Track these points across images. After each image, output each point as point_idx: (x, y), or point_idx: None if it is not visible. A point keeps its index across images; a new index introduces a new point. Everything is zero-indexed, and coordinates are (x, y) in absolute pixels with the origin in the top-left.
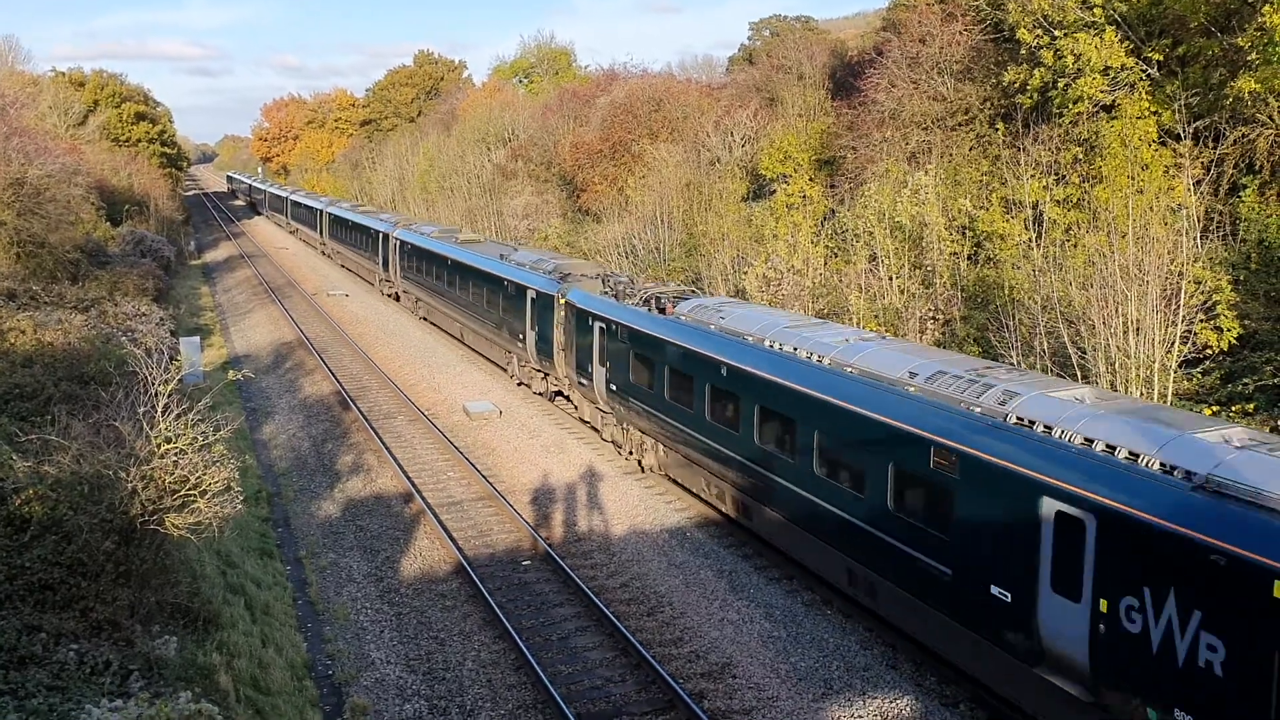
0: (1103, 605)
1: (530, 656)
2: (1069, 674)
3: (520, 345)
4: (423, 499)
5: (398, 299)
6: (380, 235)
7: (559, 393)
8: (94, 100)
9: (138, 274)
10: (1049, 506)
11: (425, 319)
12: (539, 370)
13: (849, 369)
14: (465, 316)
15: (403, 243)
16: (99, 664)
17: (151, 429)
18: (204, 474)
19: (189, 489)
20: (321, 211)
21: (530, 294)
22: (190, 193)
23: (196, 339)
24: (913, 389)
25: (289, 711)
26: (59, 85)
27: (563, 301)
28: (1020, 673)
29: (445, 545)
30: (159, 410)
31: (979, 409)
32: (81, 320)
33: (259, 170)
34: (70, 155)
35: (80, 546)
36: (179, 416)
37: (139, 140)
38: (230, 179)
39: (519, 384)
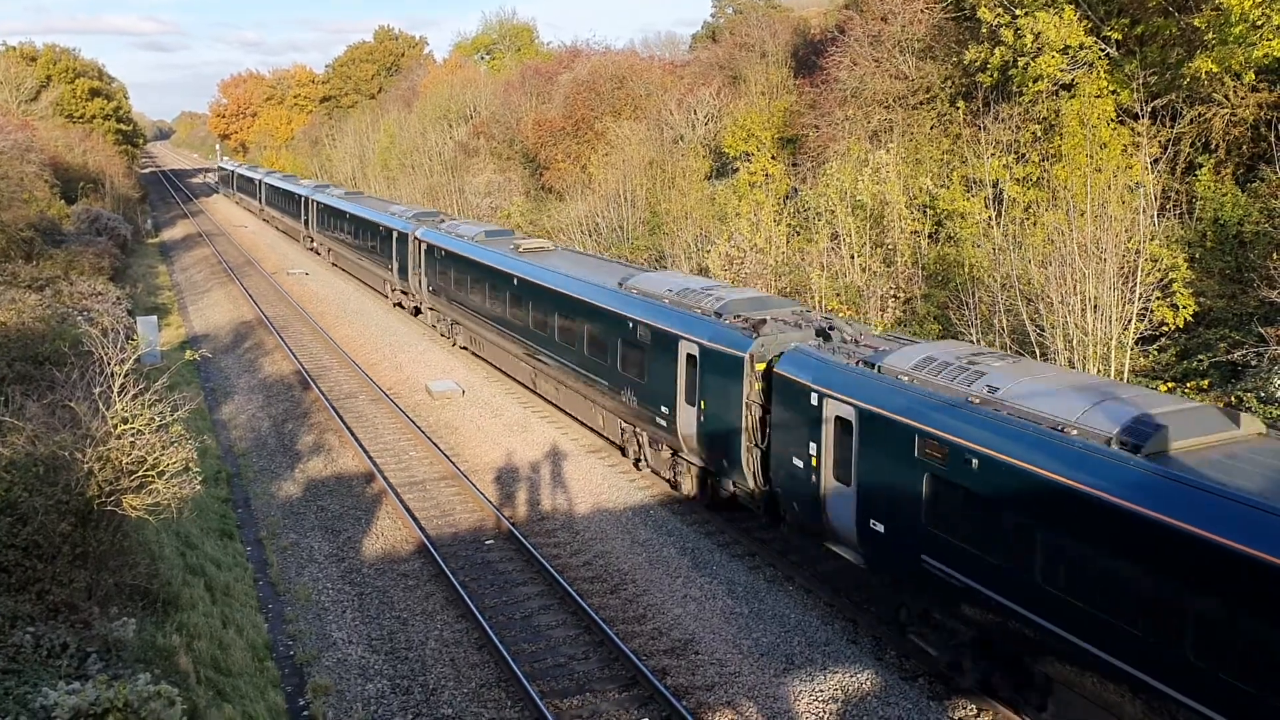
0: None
1: (493, 635)
2: None
3: (662, 424)
4: (385, 479)
5: (417, 313)
6: (393, 234)
7: (733, 498)
8: (46, 76)
9: (93, 252)
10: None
11: (466, 349)
12: (702, 464)
13: None
14: (546, 363)
15: (431, 247)
16: (56, 646)
17: (108, 409)
18: (162, 454)
19: (146, 470)
20: (307, 199)
21: (688, 349)
22: (147, 170)
23: (154, 318)
24: None
25: (250, 692)
26: (10, 60)
27: (759, 368)
28: None
29: (408, 525)
30: (115, 390)
31: None
32: (36, 299)
33: (217, 148)
34: (22, 132)
35: (36, 528)
36: (136, 397)
37: (93, 117)
38: (221, 169)
39: (642, 465)
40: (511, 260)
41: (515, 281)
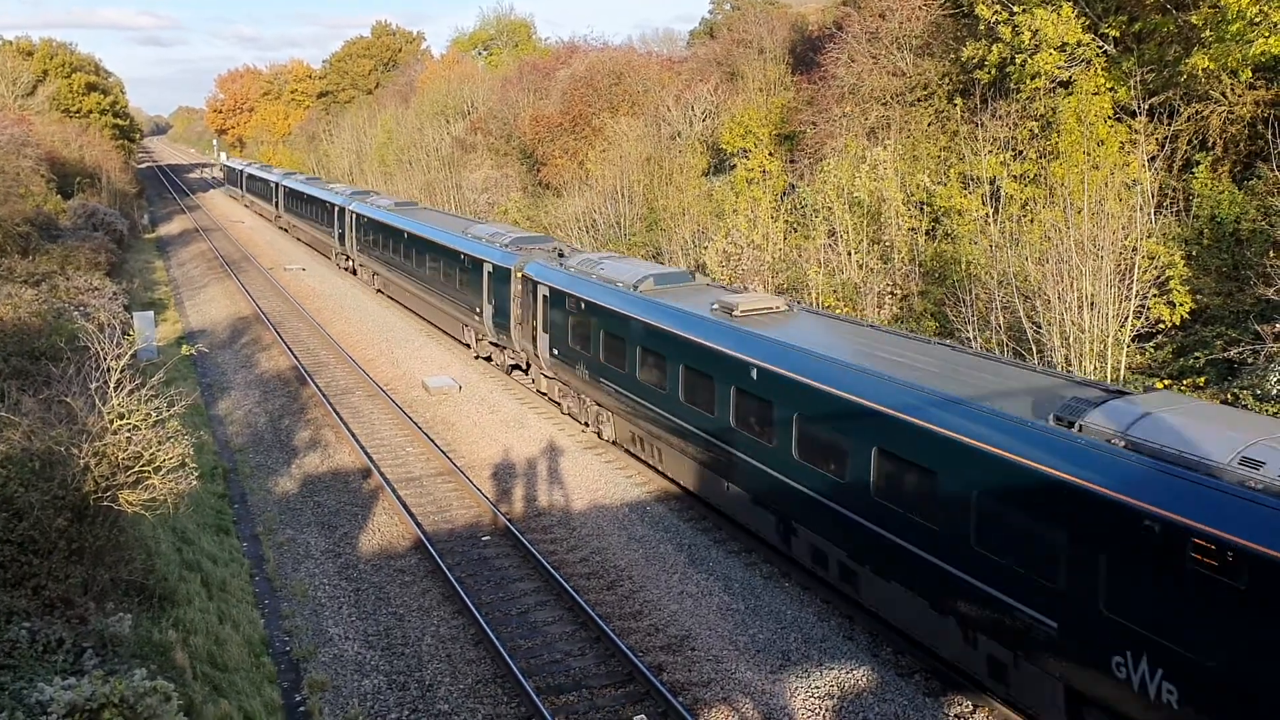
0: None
1: (489, 631)
2: None
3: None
4: (381, 475)
5: (513, 370)
6: (484, 268)
7: None
8: (43, 70)
9: (90, 248)
10: None
11: (618, 443)
12: None
13: None
14: (836, 527)
15: (558, 294)
16: (52, 642)
17: (104, 405)
18: (158, 450)
19: (143, 465)
20: (344, 210)
21: None
22: (143, 165)
23: (150, 314)
24: None
25: (246, 688)
26: (6, 54)
27: None
28: None
29: (404, 521)
30: (112, 386)
31: None
32: (32, 295)
33: (214, 143)
34: (19, 126)
35: (31, 524)
36: (132, 392)
37: (90, 111)
38: (227, 166)
39: None
40: (737, 335)
41: (754, 374)
